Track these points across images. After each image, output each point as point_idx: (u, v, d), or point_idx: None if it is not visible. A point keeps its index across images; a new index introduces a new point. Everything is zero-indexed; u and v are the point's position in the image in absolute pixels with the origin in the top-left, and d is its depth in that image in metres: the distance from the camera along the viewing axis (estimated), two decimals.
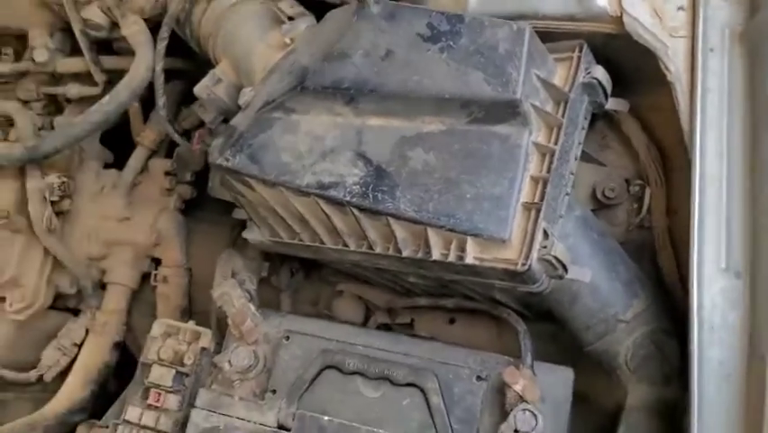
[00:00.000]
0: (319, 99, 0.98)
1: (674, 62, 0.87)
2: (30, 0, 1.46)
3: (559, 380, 0.96)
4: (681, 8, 0.88)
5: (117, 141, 1.63)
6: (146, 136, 1.54)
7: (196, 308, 1.57)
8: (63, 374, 1.47)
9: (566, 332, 1.05)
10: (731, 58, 0.84)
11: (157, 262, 1.56)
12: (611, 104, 0.98)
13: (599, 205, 1.09)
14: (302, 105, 0.99)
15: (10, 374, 1.44)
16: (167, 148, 1.63)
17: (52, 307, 1.50)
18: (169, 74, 1.57)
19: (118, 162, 1.62)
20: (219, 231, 1.56)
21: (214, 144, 1.06)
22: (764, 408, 0.69)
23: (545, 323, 1.13)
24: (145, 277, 1.56)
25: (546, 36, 0.96)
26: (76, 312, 1.57)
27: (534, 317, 1.14)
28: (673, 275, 1.04)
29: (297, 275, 1.51)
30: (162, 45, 1.27)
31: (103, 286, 1.53)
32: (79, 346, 1.48)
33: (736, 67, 0.83)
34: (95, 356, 1.45)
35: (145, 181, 1.57)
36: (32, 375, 1.45)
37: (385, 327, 1.39)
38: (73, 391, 1.42)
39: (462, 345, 1.32)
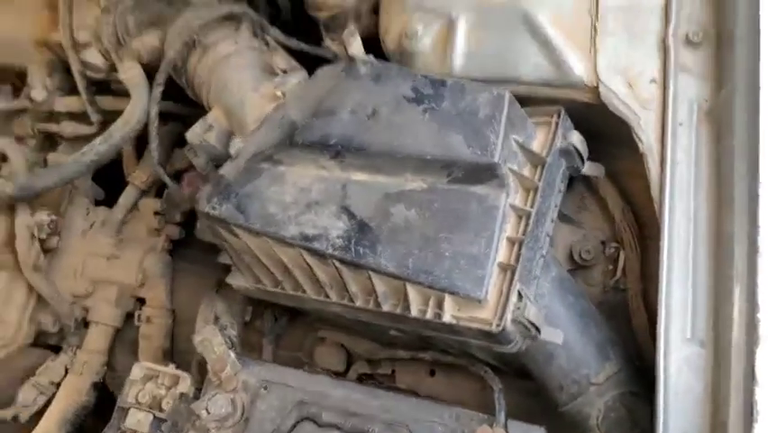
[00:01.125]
0: (306, 153, 1.01)
1: (646, 133, 0.91)
2: (31, 40, 1.50)
3: None
4: (653, 81, 0.93)
5: (109, 177, 1.66)
6: (138, 176, 1.56)
7: (178, 347, 1.57)
8: (39, 414, 1.46)
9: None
10: (698, 132, 0.87)
11: (141, 301, 1.56)
12: (588, 168, 1.01)
13: (576, 265, 1.12)
14: (290, 157, 1.02)
15: None
16: (157, 188, 1.65)
17: (33, 344, 1.50)
18: (163, 116, 1.61)
19: (109, 199, 1.64)
20: (205, 272, 1.57)
21: (203, 192, 1.09)
22: None
23: (526, 379, 1.14)
24: (128, 316, 1.56)
25: (526, 100, 1.00)
26: (56, 349, 1.57)
27: (513, 372, 1.15)
28: (647, 338, 1.06)
29: (281, 320, 1.52)
30: (158, 90, 1.31)
31: (85, 324, 1.53)
32: (57, 385, 1.47)
33: (703, 141, 0.87)
34: (72, 397, 1.44)
35: (134, 220, 1.59)
36: (8, 414, 1.43)
37: (366, 377, 1.39)
38: (48, 432, 1.41)
39: (442, 397, 1.33)
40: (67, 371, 1.47)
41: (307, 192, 1.00)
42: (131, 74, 1.34)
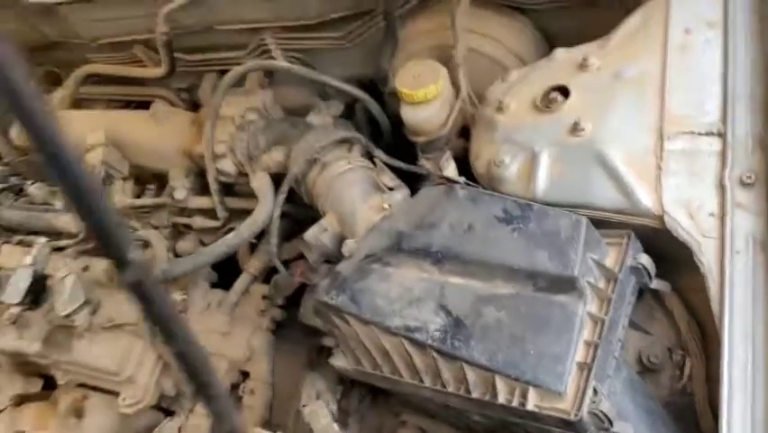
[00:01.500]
0: (411, 258, 1.21)
1: (706, 257, 1.06)
2: (178, 150, 1.82)
3: None
4: (711, 214, 1.09)
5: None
6: (252, 265, 1.81)
7: (271, 420, 1.75)
8: None
9: None
10: (754, 261, 1.02)
11: (244, 375, 1.77)
12: (655, 284, 1.16)
13: (644, 368, 1.24)
14: (397, 260, 1.23)
15: None
16: (264, 275, 1.90)
17: None
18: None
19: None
20: (299, 351, 1.78)
21: (321, 285, 1.30)
22: None
23: None
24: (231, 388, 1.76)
25: (600, 224, 1.18)
26: (166, 412, 1.78)
27: None
28: None
29: (365, 401, 1.68)
30: (281, 198, 1.57)
31: None
32: None
33: (759, 269, 1.01)
34: None
35: (244, 302, 1.83)
36: None
37: None
38: None
39: None
40: (180, 431, 1.67)
41: (411, 290, 1.20)
42: (260, 182, 1.62)
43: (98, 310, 1.62)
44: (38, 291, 1.65)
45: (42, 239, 1.77)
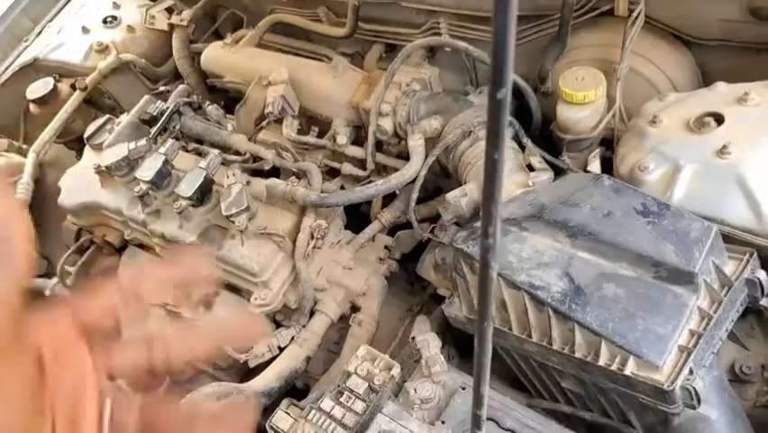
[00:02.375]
0: (548, 228, 1.39)
1: None
2: (347, 102, 2.08)
3: None
4: None
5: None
6: (384, 216, 2.04)
7: None
8: (262, 366, 1.90)
9: None
10: None
11: (354, 309, 1.99)
12: (765, 301, 1.28)
13: (735, 378, 1.35)
14: (534, 227, 1.41)
15: (229, 349, 1.90)
16: (390, 228, 2.12)
17: None
18: None
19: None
20: (398, 304, 2.01)
21: (459, 235, 1.50)
22: None
23: None
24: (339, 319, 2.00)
25: (726, 238, 1.31)
26: (277, 325, 2.03)
27: None
28: None
29: (453, 361, 1.86)
30: (431, 159, 1.79)
31: (311, 312, 1.98)
32: (281, 350, 1.92)
33: None
34: (291, 361, 1.87)
35: (368, 247, 2.06)
36: (243, 357, 1.90)
37: None
38: (267, 380, 1.83)
39: None
40: (291, 341, 1.92)
41: (541, 254, 1.37)
42: (416, 143, 1.84)
43: (253, 219, 1.89)
44: (205, 192, 1.94)
45: (215, 151, 2.07)
